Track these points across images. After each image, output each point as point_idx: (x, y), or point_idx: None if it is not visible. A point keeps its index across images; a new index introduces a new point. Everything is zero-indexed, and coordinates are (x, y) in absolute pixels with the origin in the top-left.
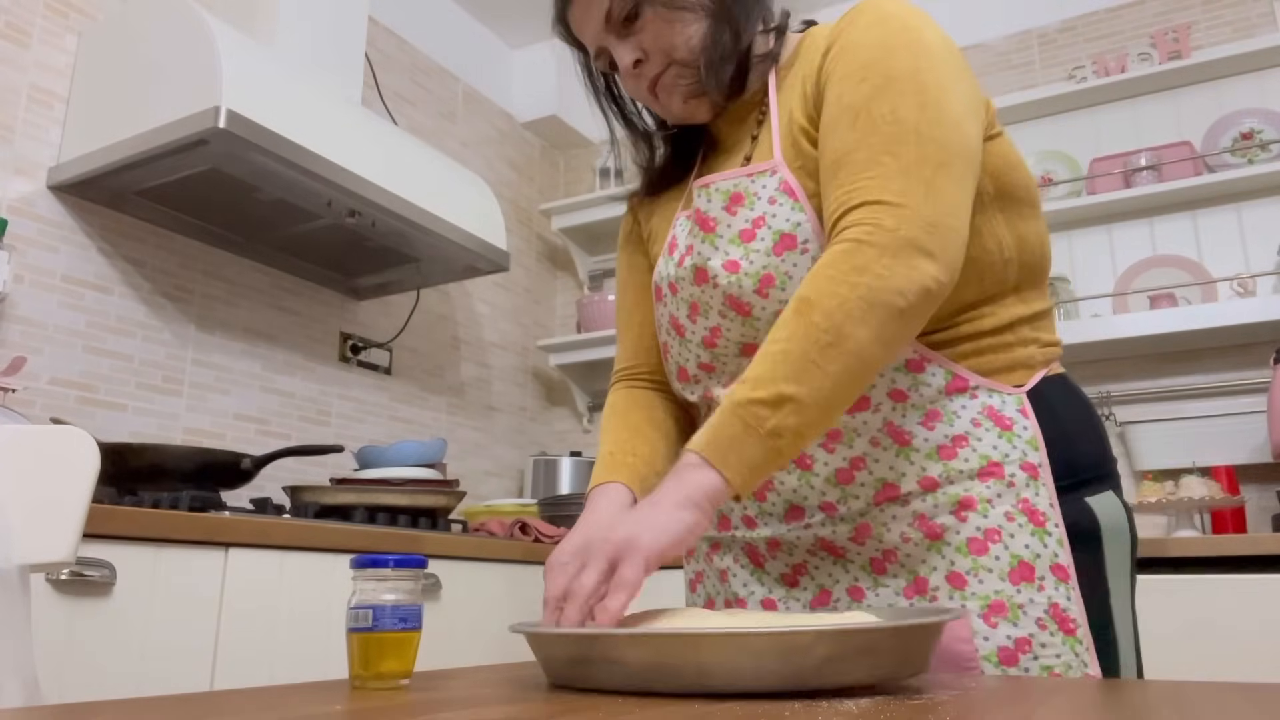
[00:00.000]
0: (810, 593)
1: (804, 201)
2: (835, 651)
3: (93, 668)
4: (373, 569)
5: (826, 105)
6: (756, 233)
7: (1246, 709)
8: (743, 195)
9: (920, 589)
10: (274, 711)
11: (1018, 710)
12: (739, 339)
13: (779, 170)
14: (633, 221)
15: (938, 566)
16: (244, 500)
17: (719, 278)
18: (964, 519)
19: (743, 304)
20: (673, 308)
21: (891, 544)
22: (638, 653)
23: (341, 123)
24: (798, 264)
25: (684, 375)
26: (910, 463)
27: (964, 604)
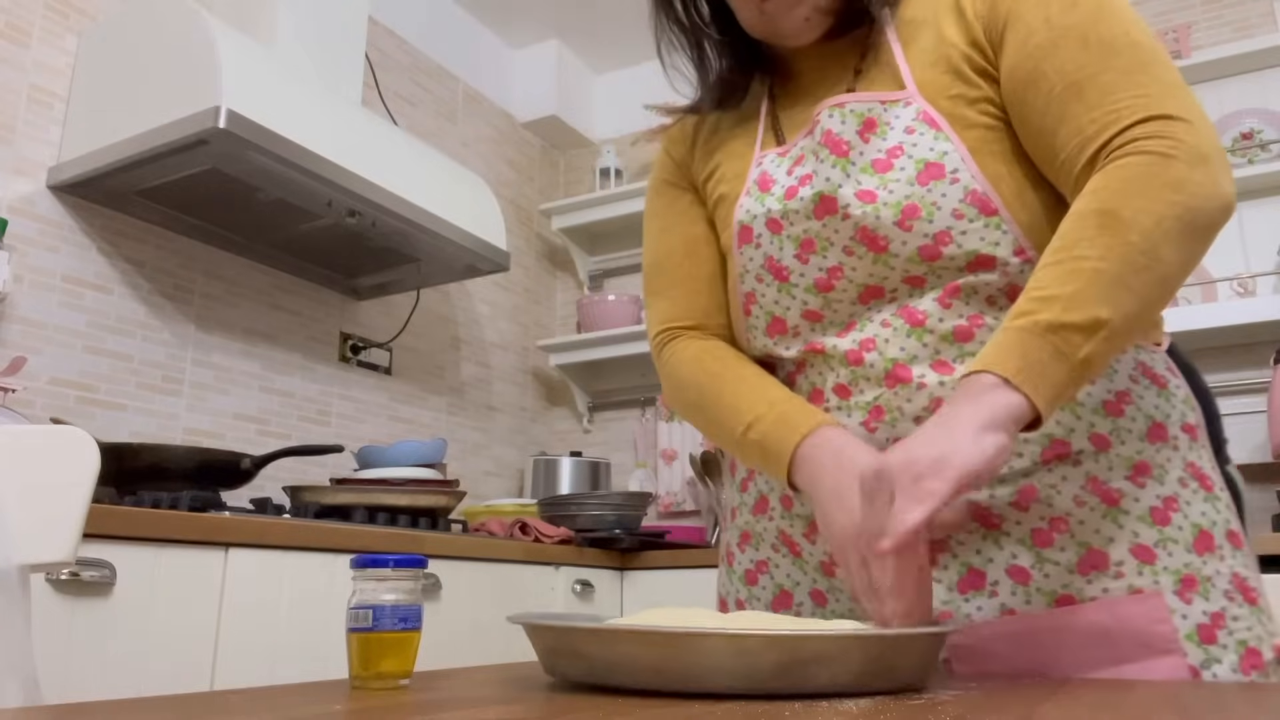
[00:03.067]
0: (954, 573)
1: (948, 131)
2: (787, 659)
3: (93, 668)
4: (373, 569)
5: (1028, 28)
6: (894, 162)
7: (1247, 709)
8: (875, 122)
9: (1098, 564)
10: (274, 711)
11: (1018, 710)
12: (863, 280)
13: (914, 100)
14: (673, 164)
15: (1116, 538)
16: (244, 500)
17: (852, 207)
18: (1141, 484)
19: (878, 237)
20: (772, 249)
21: (1063, 510)
22: (600, 646)
23: (341, 123)
24: (946, 194)
25: (780, 327)
26: (1078, 418)
27: (1156, 579)
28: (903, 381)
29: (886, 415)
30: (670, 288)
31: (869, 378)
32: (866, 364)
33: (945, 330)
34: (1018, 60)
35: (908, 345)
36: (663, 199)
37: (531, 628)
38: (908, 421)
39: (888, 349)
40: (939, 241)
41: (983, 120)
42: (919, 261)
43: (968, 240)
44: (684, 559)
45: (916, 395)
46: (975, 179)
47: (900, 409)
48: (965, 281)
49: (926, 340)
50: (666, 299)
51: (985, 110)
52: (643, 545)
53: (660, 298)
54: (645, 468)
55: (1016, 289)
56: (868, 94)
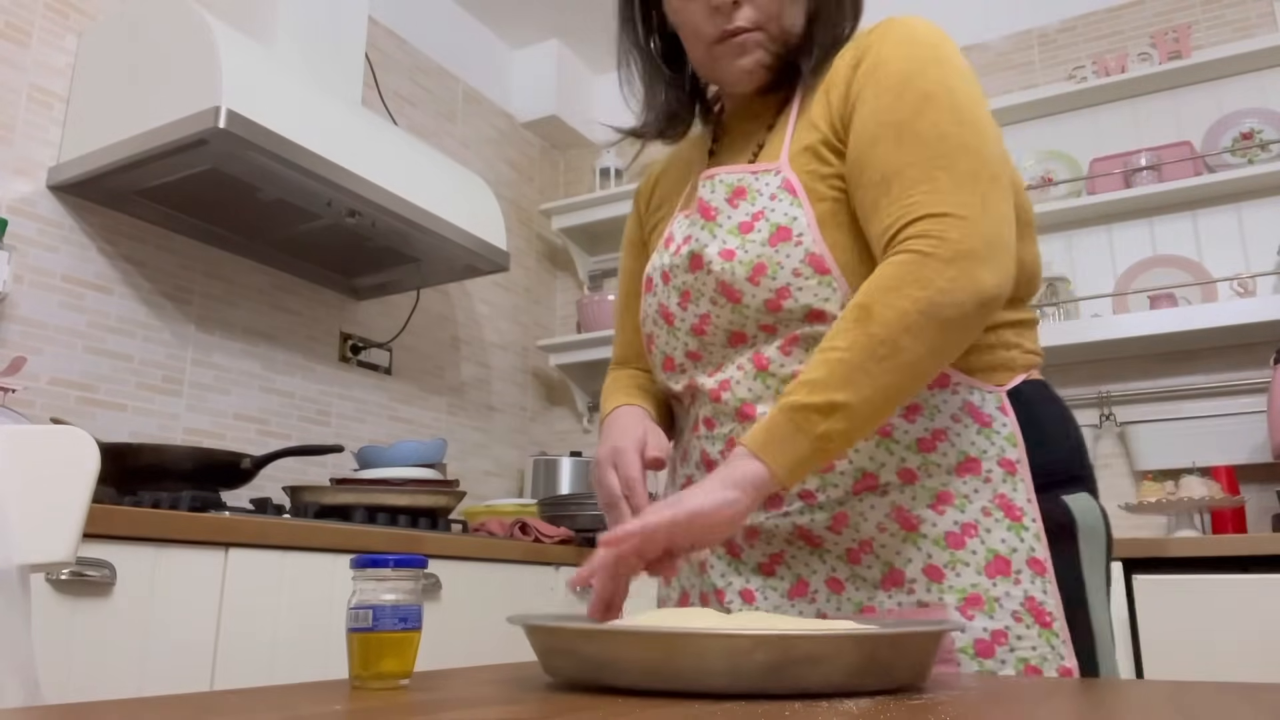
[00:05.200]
0: (787, 582)
1: (803, 198)
2: (776, 658)
3: (93, 668)
4: (373, 569)
5: (861, 120)
6: (755, 224)
7: (1246, 709)
8: (745, 190)
9: (897, 581)
10: (274, 711)
11: (1018, 710)
12: (727, 326)
13: (782, 170)
14: (636, 220)
15: (913, 559)
16: (244, 500)
17: (713, 264)
18: (941, 512)
19: (734, 290)
20: (663, 296)
21: (868, 534)
22: (596, 646)
23: (341, 123)
24: (790, 255)
25: (670, 365)
26: (890, 453)
27: (941, 596)
28: (749, 418)
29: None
30: (618, 332)
31: (725, 413)
32: (723, 401)
33: (785, 374)
34: (851, 150)
35: (754, 387)
36: (627, 256)
37: (529, 628)
38: None
39: (739, 389)
40: (780, 295)
41: (831, 194)
42: (766, 312)
43: (803, 295)
44: None
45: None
46: (815, 243)
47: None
48: (803, 332)
49: (769, 383)
50: (615, 342)
51: (834, 185)
52: None
53: (616, 338)
54: None
55: None
56: (738, 167)
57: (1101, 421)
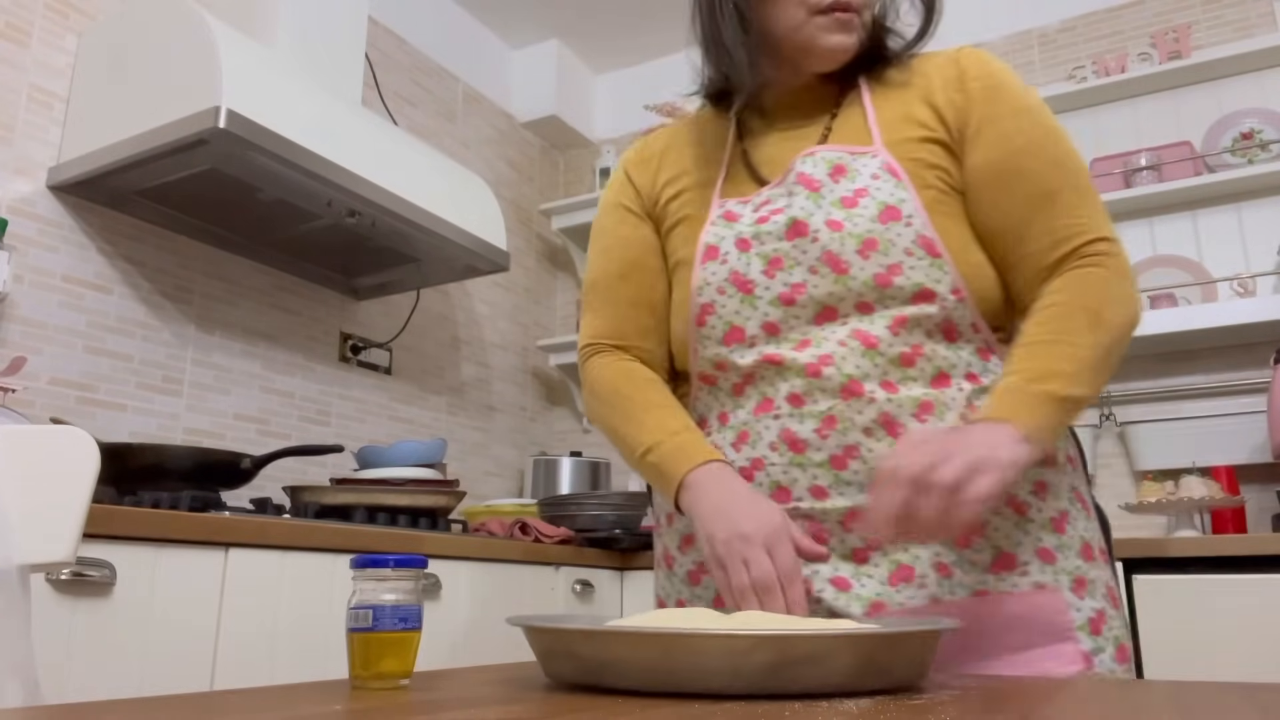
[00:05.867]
0: (884, 569)
1: (907, 182)
2: (776, 658)
3: (93, 668)
4: (373, 569)
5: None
6: (859, 201)
7: (1246, 709)
8: (845, 168)
9: (1008, 564)
10: (274, 711)
11: (1018, 710)
12: (822, 298)
13: (880, 154)
14: (631, 189)
15: (1023, 542)
16: (244, 500)
17: (821, 233)
18: (1043, 499)
19: (841, 261)
20: (738, 264)
21: (984, 518)
22: (594, 647)
23: (341, 123)
24: (901, 234)
25: (738, 336)
26: None
27: (1056, 578)
28: (855, 395)
29: (839, 424)
30: (602, 306)
31: (824, 389)
32: (824, 377)
33: (893, 354)
34: (997, 156)
35: (861, 364)
36: (611, 219)
37: (529, 629)
38: (857, 431)
39: (844, 365)
40: (891, 272)
41: (938, 184)
42: (873, 287)
43: (915, 274)
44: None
45: (867, 408)
46: (925, 227)
47: (852, 419)
48: (910, 313)
49: (878, 361)
50: (598, 316)
51: (940, 178)
52: (643, 545)
53: (592, 314)
54: None
55: (950, 323)
56: (840, 146)
57: (1101, 421)
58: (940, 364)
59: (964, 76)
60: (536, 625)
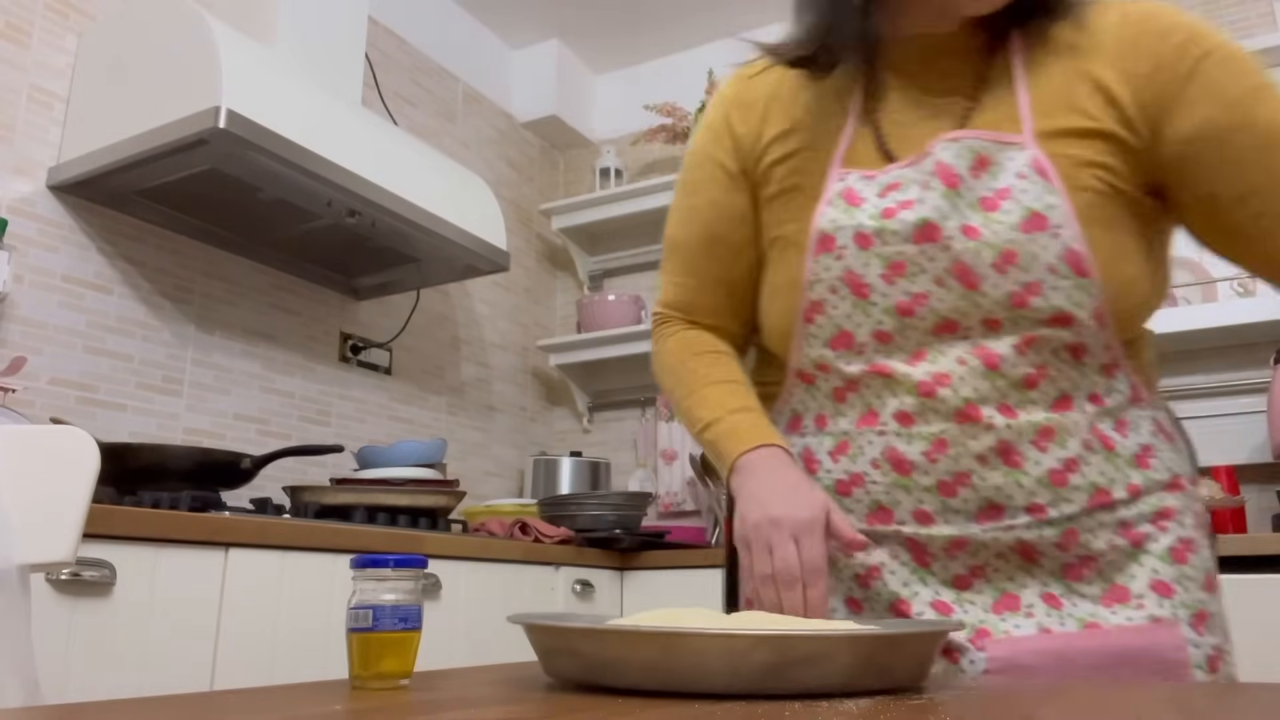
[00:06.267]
0: (989, 596)
1: (1058, 185)
2: (776, 658)
3: (93, 668)
4: (373, 569)
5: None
6: (1001, 204)
7: (1247, 709)
8: (988, 160)
9: (1120, 597)
10: (274, 711)
11: (1018, 710)
12: (945, 312)
13: (1029, 147)
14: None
15: (1137, 575)
16: (244, 500)
17: (955, 240)
18: (1164, 529)
19: (974, 275)
20: (855, 262)
21: (1097, 550)
22: (594, 646)
23: (341, 123)
24: (1046, 247)
25: (846, 341)
26: (1117, 469)
27: (1175, 612)
28: (972, 420)
29: (950, 449)
30: (679, 274)
31: (938, 411)
32: (938, 398)
33: (1016, 376)
34: (1215, 113)
35: (980, 386)
36: (701, 172)
37: (530, 628)
38: (970, 458)
39: (962, 387)
40: (1029, 291)
41: (1095, 185)
42: (1005, 306)
43: (1055, 296)
44: (684, 559)
45: (983, 435)
46: (1076, 239)
47: (965, 445)
48: (1042, 334)
49: (999, 384)
50: (672, 284)
51: (1099, 177)
52: (643, 545)
53: (669, 276)
54: (645, 468)
55: (1081, 345)
56: (985, 133)
57: None
58: (1064, 385)
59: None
60: (537, 623)
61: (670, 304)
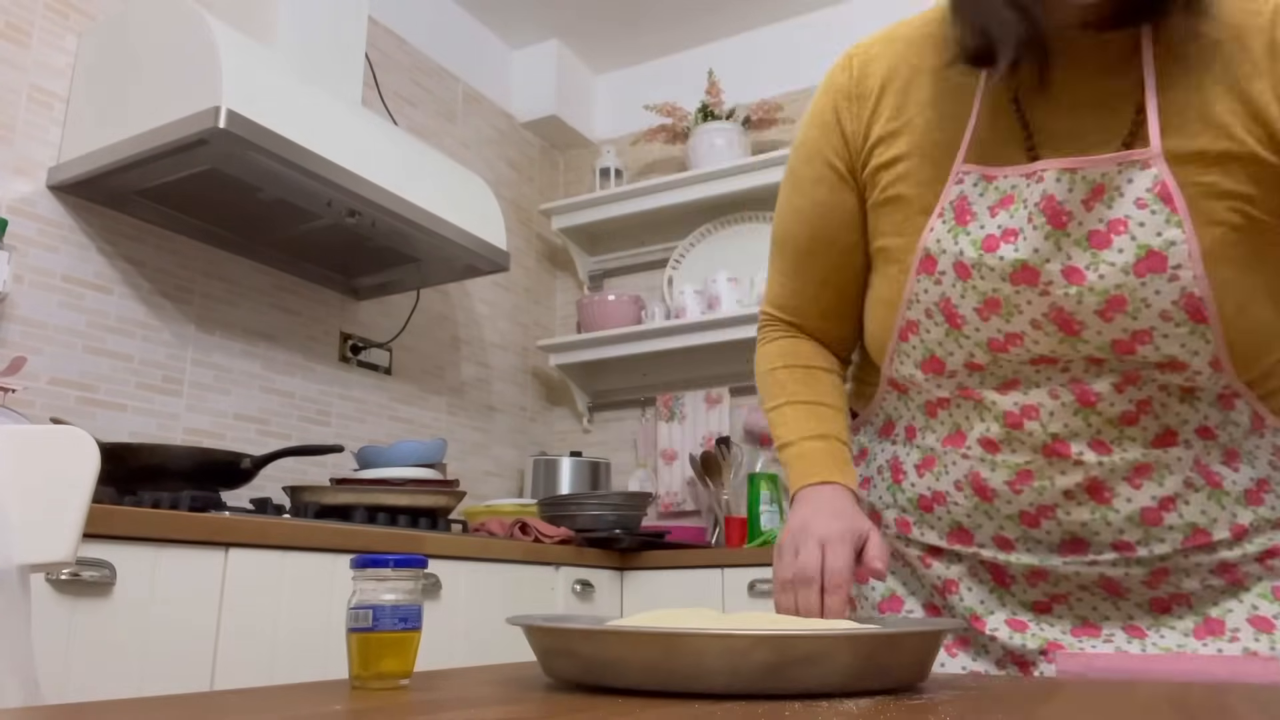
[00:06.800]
0: (1068, 622)
1: (1184, 214)
2: (775, 658)
3: (93, 668)
4: (373, 569)
5: None
6: (1113, 239)
7: (1246, 709)
8: (1104, 189)
9: (1215, 630)
10: (274, 711)
11: (1018, 710)
12: (1042, 353)
13: (1154, 164)
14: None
15: (1234, 610)
16: (244, 500)
17: (1054, 285)
18: (1269, 567)
19: (1074, 321)
20: (953, 292)
21: (1189, 590)
22: (593, 647)
23: (341, 123)
24: (1161, 291)
25: (937, 367)
26: (1222, 507)
27: (1273, 646)
28: (1060, 456)
29: (1035, 481)
30: (785, 275)
31: (1024, 442)
32: (1025, 429)
33: (1113, 414)
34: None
35: (1071, 422)
36: (808, 170)
37: (529, 629)
38: (1056, 492)
39: (1051, 423)
40: (1136, 339)
41: (1230, 219)
42: (1109, 351)
43: (1167, 345)
44: (684, 559)
45: (1072, 470)
46: (1197, 281)
47: (1052, 479)
48: (1146, 374)
49: (1092, 420)
50: (778, 283)
51: (1236, 209)
52: (643, 545)
53: (774, 275)
54: (645, 468)
55: (1193, 388)
56: (1106, 157)
57: None
58: (1169, 421)
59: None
60: (536, 625)
61: (776, 304)
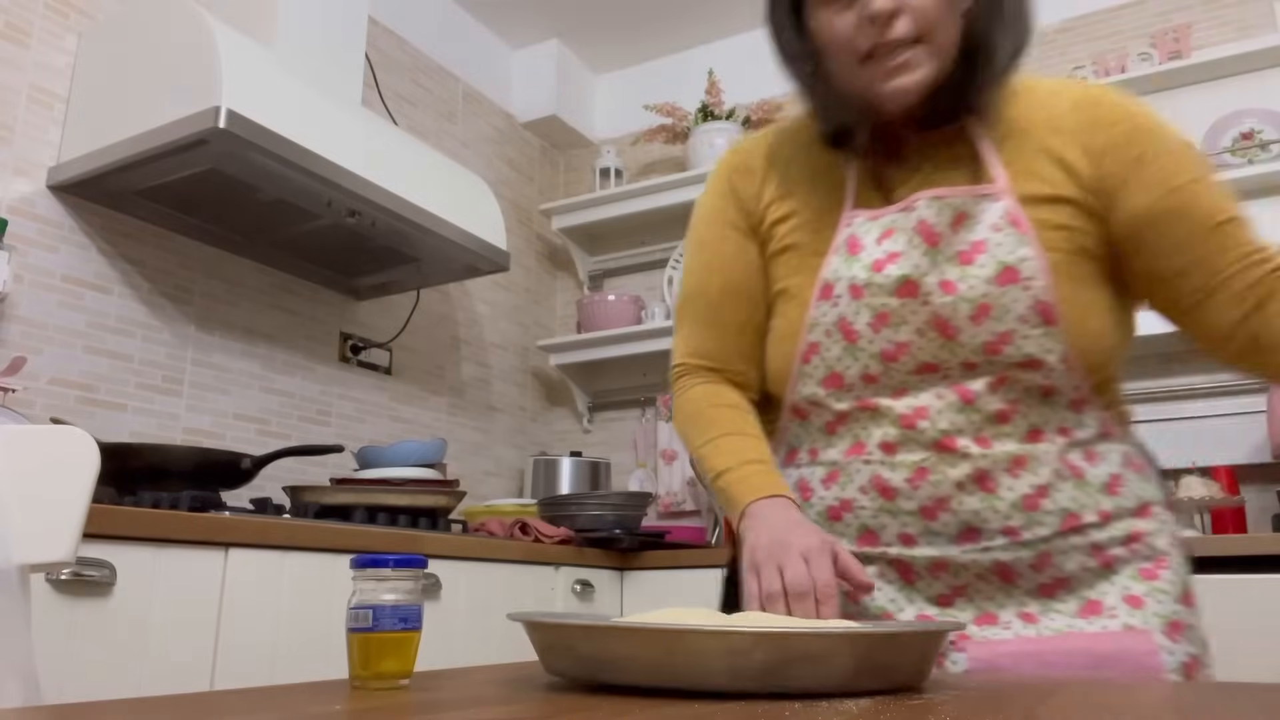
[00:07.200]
0: (969, 614)
1: (1031, 236)
2: (775, 657)
3: (93, 668)
4: (373, 569)
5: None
6: (976, 257)
7: (1246, 709)
8: (966, 215)
9: (1095, 610)
10: (274, 711)
11: (1018, 710)
12: (926, 358)
13: (1003, 198)
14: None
15: (1109, 592)
16: (244, 500)
17: (933, 295)
18: (1134, 550)
19: (951, 327)
20: (848, 311)
21: (1069, 572)
22: (594, 644)
23: (341, 123)
24: (1017, 299)
25: (837, 382)
26: (1088, 495)
27: (1146, 621)
28: (949, 450)
29: (931, 475)
30: (699, 324)
31: (918, 441)
32: (918, 429)
33: (990, 411)
34: (1160, 195)
35: (956, 420)
36: (713, 232)
37: (530, 625)
38: (949, 484)
39: (939, 420)
40: (1001, 340)
41: (1063, 246)
42: (981, 353)
43: (1027, 345)
44: (684, 559)
45: (960, 463)
46: (1046, 290)
47: (945, 473)
48: (1012, 375)
49: (973, 418)
50: (695, 334)
51: (1067, 239)
52: (643, 545)
53: (690, 328)
54: (645, 468)
55: (1052, 387)
56: (964, 188)
57: None
58: (1035, 420)
59: (1097, 125)
60: (538, 621)
61: (693, 353)
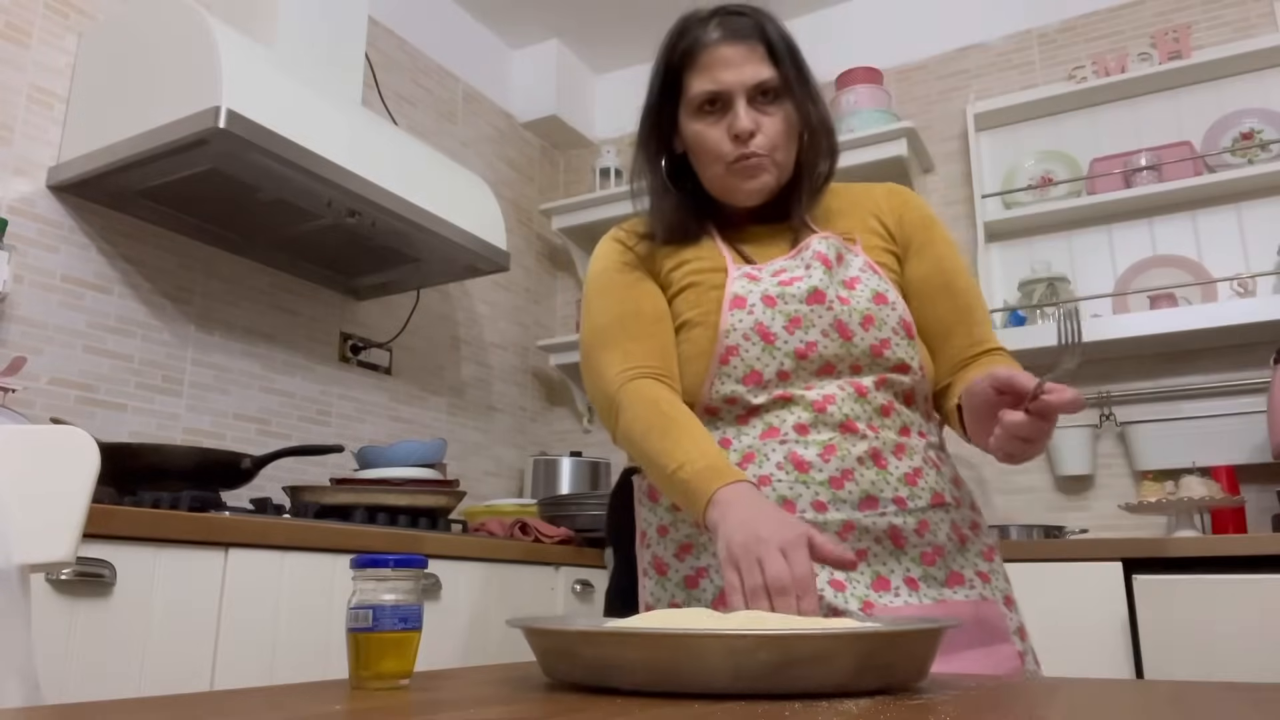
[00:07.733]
0: (868, 578)
1: (887, 281)
2: (776, 658)
3: (93, 668)
4: (373, 569)
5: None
6: (856, 286)
7: (1246, 709)
8: (843, 256)
9: (959, 580)
10: (274, 711)
11: (1018, 710)
12: (829, 357)
13: (860, 252)
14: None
15: (965, 566)
16: (244, 500)
17: (835, 303)
18: (977, 532)
19: (848, 329)
20: (764, 317)
21: (940, 542)
22: (594, 648)
23: (341, 123)
24: (889, 316)
25: (756, 379)
26: (944, 482)
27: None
28: (851, 431)
29: (838, 452)
30: (636, 341)
31: (826, 423)
32: (827, 412)
33: (877, 405)
34: (932, 273)
35: (855, 408)
36: (622, 277)
37: (529, 631)
38: (853, 459)
39: (843, 406)
40: (883, 345)
41: (896, 281)
42: (868, 354)
43: (899, 350)
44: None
45: (860, 443)
46: (906, 313)
47: (849, 450)
48: (889, 377)
49: (866, 408)
50: (635, 349)
51: (892, 278)
52: None
53: (627, 346)
54: None
55: (912, 391)
56: (836, 237)
57: (1101, 421)
58: (905, 420)
59: (907, 205)
60: (537, 626)
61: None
